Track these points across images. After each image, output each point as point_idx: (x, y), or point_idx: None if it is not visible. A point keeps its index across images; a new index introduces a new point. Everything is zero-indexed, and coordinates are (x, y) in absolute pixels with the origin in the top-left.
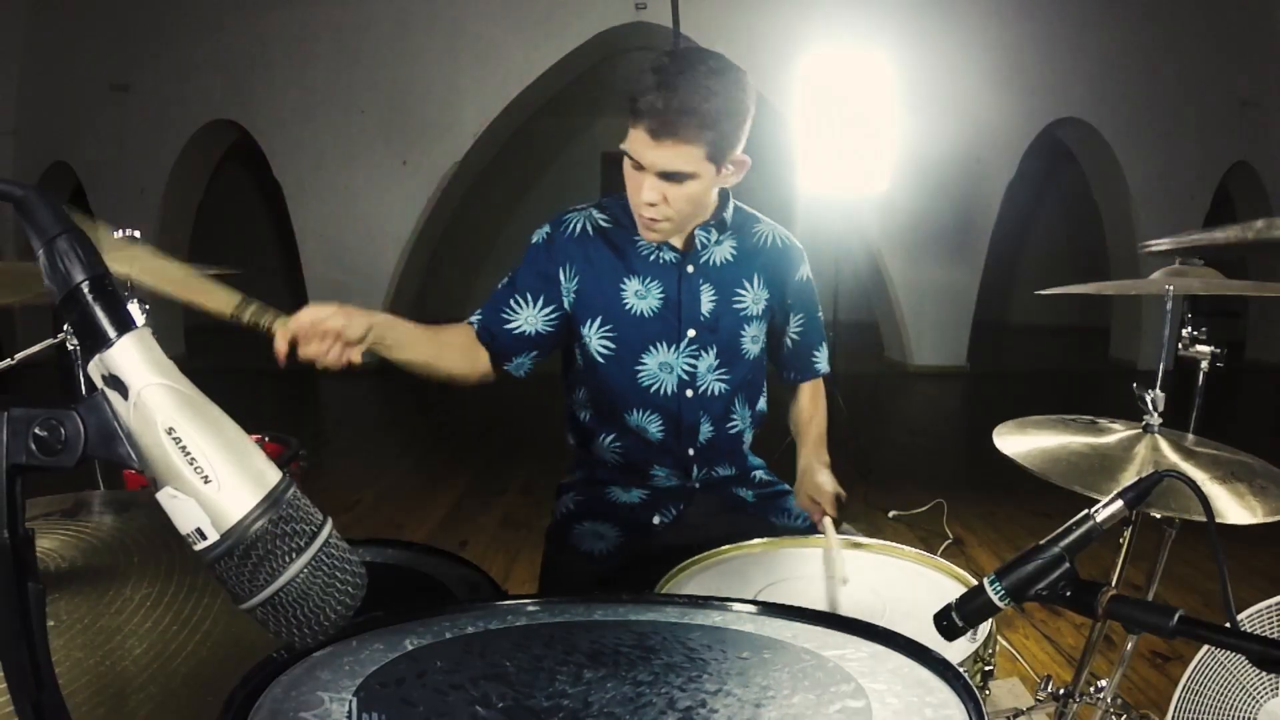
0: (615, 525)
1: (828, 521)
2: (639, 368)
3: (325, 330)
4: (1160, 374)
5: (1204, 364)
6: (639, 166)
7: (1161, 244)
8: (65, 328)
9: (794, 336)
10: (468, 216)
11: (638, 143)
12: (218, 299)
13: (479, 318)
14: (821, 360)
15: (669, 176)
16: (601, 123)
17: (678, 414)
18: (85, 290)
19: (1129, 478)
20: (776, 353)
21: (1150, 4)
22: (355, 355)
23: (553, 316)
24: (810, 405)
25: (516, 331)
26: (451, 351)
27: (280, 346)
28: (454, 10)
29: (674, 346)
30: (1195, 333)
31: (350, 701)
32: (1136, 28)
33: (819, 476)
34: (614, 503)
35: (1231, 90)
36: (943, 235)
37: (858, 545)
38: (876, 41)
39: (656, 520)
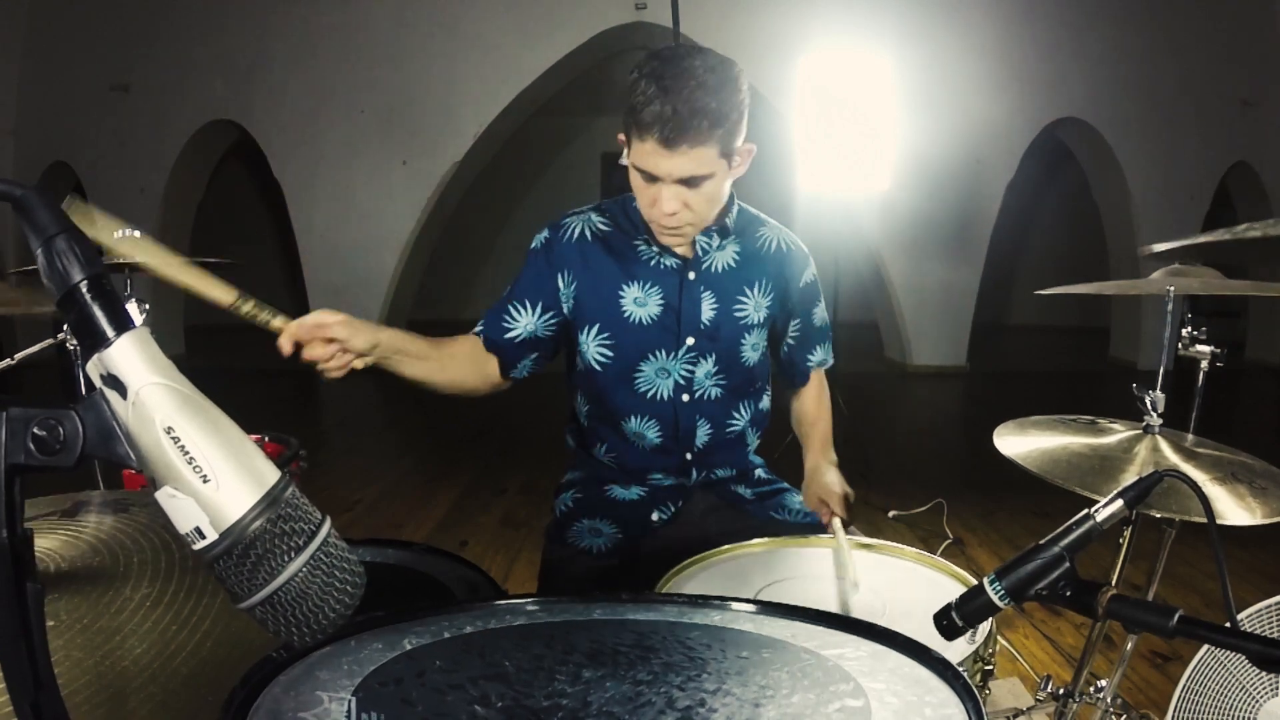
0: (613, 523)
1: (837, 523)
2: (636, 374)
3: (328, 336)
4: (1160, 374)
5: (1204, 364)
6: (652, 178)
7: (1162, 247)
8: (64, 328)
9: (789, 342)
10: (467, 217)
11: (649, 154)
12: (216, 290)
13: (481, 329)
14: (815, 358)
15: (687, 182)
16: (601, 123)
17: (674, 419)
18: (84, 290)
19: (1129, 478)
20: (776, 358)
21: (1150, 4)
22: (358, 363)
23: (551, 322)
24: (815, 406)
25: (517, 340)
26: (459, 363)
27: (284, 345)
28: (454, 10)
29: (672, 354)
30: (1195, 333)
31: (349, 701)
32: (1136, 28)
33: (827, 477)
34: (613, 500)
35: (1231, 90)
36: (943, 235)
37: (866, 546)
38: (876, 41)
39: (655, 517)
